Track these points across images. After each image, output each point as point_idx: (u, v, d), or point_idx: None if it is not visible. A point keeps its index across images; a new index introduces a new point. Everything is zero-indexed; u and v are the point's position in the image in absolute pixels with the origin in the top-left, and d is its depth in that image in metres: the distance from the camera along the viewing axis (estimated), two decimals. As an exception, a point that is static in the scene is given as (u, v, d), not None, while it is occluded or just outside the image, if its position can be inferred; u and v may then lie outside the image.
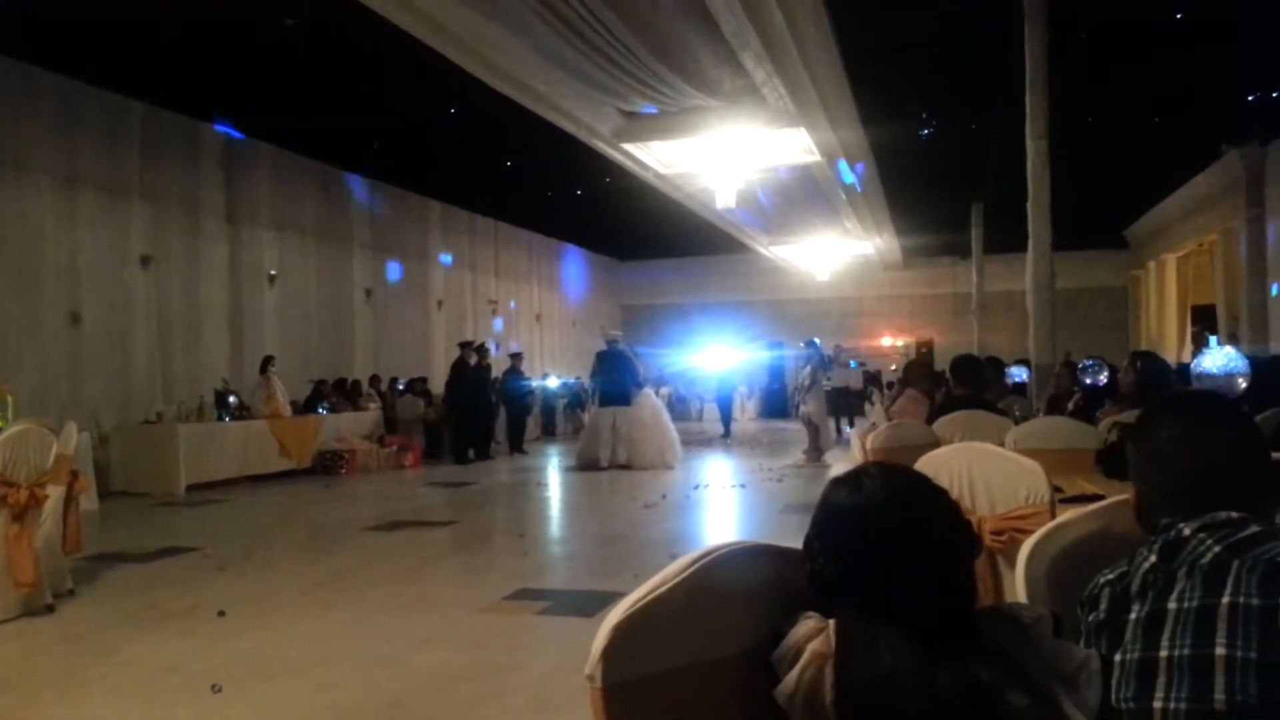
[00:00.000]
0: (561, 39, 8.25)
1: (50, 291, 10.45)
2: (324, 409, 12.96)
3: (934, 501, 1.24)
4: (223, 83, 11.04)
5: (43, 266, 10.39)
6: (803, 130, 11.52)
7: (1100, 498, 2.06)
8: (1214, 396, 1.81)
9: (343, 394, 14.01)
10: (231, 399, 11.56)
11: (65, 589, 5.46)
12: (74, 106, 10.76)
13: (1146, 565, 1.32)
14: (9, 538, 4.97)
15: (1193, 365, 3.60)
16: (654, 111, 11.07)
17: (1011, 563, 2.80)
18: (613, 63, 8.95)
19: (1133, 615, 1.29)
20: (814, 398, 12.98)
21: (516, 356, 16.13)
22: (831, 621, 1.16)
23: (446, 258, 18.40)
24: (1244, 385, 3.38)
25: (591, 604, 4.80)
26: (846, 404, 17.49)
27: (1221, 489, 1.33)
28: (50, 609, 5.14)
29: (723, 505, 9.35)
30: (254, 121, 12.82)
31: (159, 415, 10.99)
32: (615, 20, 7.93)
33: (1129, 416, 4.52)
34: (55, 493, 5.36)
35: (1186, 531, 1.31)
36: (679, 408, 23.77)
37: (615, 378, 13.06)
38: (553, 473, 12.56)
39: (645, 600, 1.12)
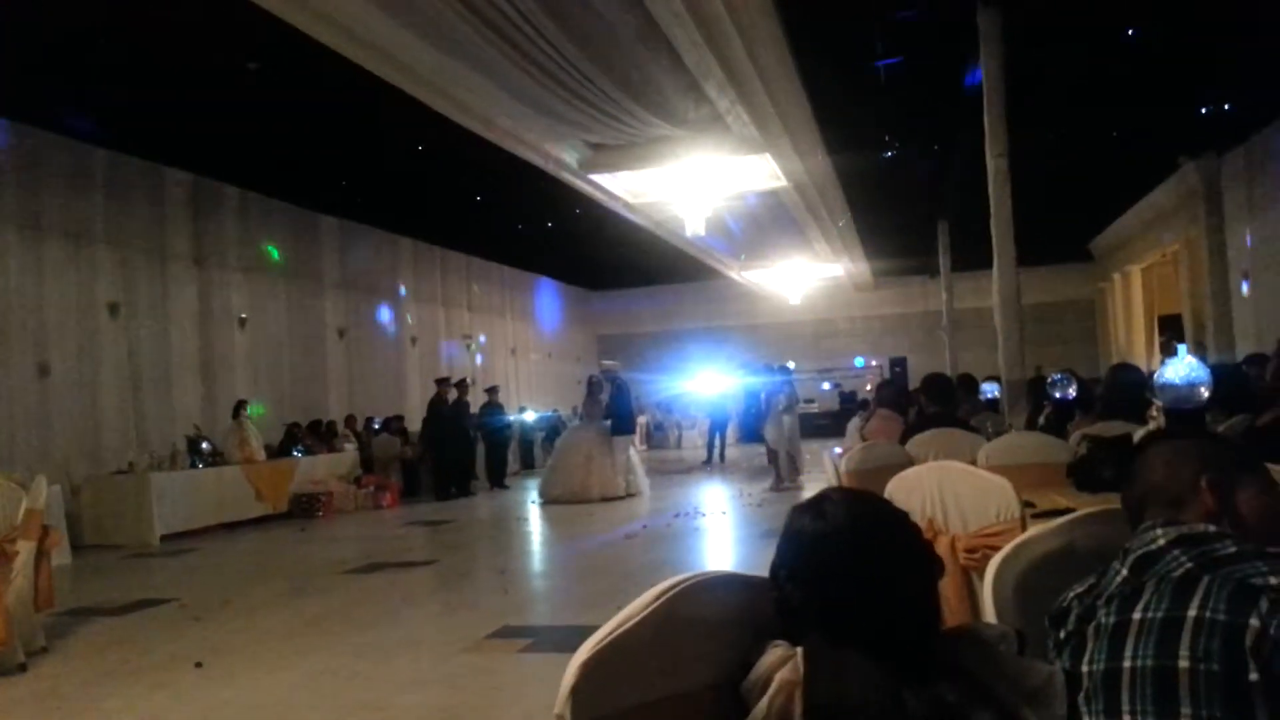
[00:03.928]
0: (525, 74, 8.33)
1: (16, 342, 10.34)
2: (298, 452, 12.85)
3: (896, 525, 1.26)
4: (186, 127, 11.01)
5: (8, 317, 10.29)
6: (768, 156, 11.66)
7: (1072, 510, 2.09)
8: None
9: (317, 435, 13.90)
10: (204, 445, 11.43)
11: (38, 646, 5.36)
12: (36, 155, 10.70)
13: (1119, 579, 1.34)
14: (-22, 596, 4.88)
15: (1155, 377, 3.65)
16: (619, 142, 11.17)
17: (986, 580, 2.83)
18: (577, 96, 9.04)
19: (1097, 625, 1.30)
20: (772, 423, 12.83)
21: (493, 391, 16.08)
22: (799, 649, 1.17)
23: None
24: (1206, 395, 3.44)
25: (575, 639, 4.67)
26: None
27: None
28: (23, 668, 5.03)
29: (703, 533, 9.34)
30: (219, 164, 12.80)
31: (131, 465, 10.86)
32: (577, 54, 8.02)
33: (1099, 429, 4.57)
34: (25, 548, 5.26)
35: (1162, 543, 1.33)
36: (656, 436, 23.77)
37: (629, 408, 13.30)
38: (532, 507, 12.50)
39: (613, 635, 1.13)
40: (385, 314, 17.50)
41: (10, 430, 10.02)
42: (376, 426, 15.28)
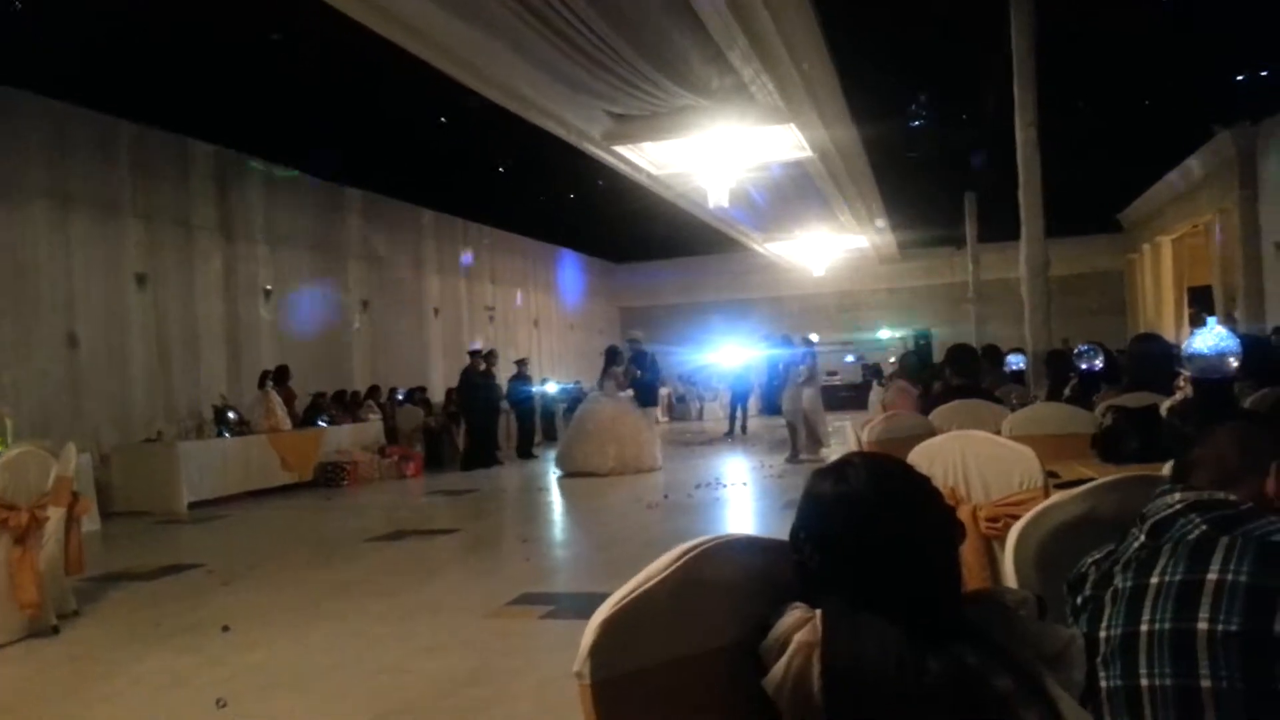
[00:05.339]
0: (548, 43, 8.26)
1: (46, 313, 10.45)
2: (323, 421, 12.96)
3: (917, 490, 1.25)
4: (211, 99, 11.03)
5: (38, 289, 10.39)
6: (793, 126, 11.53)
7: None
8: None
9: (342, 406, 14.00)
10: (231, 415, 11.55)
11: (69, 610, 5.46)
12: (63, 128, 10.75)
13: (1136, 544, 1.33)
14: (11, 561, 4.97)
15: (1184, 346, 3.60)
16: (643, 113, 11.08)
17: (1008, 549, 2.82)
18: (600, 65, 8.97)
19: (1115, 590, 1.29)
20: (789, 394, 12.71)
21: (522, 363, 16.13)
22: (818, 611, 1.16)
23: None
24: (1235, 364, 3.38)
25: (595, 606, 4.73)
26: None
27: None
28: (55, 630, 5.14)
29: (724, 503, 9.36)
30: (244, 136, 12.82)
31: (159, 433, 10.99)
32: (600, 23, 7.95)
33: (1125, 400, 4.52)
34: (56, 514, 5.36)
35: (1179, 506, 1.31)
36: (678, 407, 23.79)
37: (656, 380, 13.57)
38: (554, 478, 12.56)
39: (632, 595, 1.13)
40: (408, 285, 17.55)
41: (41, 399, 10.16)
42: (400, 397, 15.37)
